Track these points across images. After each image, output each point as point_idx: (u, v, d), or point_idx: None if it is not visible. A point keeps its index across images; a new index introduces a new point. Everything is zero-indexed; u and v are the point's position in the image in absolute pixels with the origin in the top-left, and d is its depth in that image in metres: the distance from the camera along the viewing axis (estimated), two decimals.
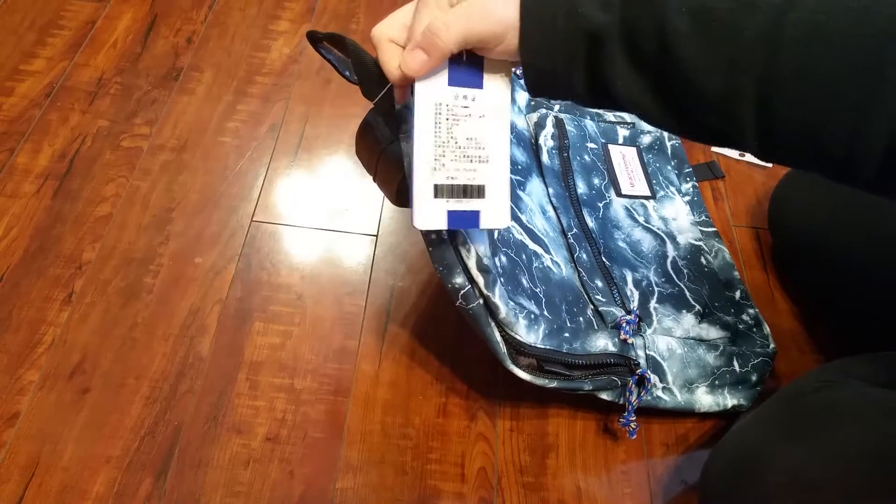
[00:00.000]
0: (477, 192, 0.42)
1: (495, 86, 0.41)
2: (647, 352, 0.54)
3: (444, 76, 0.40)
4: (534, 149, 0.67)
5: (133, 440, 0.54)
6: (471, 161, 0.42)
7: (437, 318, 0.62)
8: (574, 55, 0.36)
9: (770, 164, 0.77)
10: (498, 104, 0.41)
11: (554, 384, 0.53)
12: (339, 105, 0.77)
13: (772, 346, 0.59)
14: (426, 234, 0.47)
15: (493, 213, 0.42)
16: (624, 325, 0.54)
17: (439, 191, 0.41)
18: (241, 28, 0.84)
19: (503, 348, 0.51)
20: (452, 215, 0.42)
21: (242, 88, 0.78)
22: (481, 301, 0.49)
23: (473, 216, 0.42)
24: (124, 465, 0.53)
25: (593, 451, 0.56)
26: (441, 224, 0.42)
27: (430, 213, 0.41)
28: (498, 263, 0.51)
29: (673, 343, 0.55)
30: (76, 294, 0.61)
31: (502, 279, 0.51)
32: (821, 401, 0.44)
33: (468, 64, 0.40)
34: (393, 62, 0.38)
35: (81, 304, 0.60)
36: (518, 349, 0.50)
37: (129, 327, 0.59)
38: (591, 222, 0.63)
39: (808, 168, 0.34)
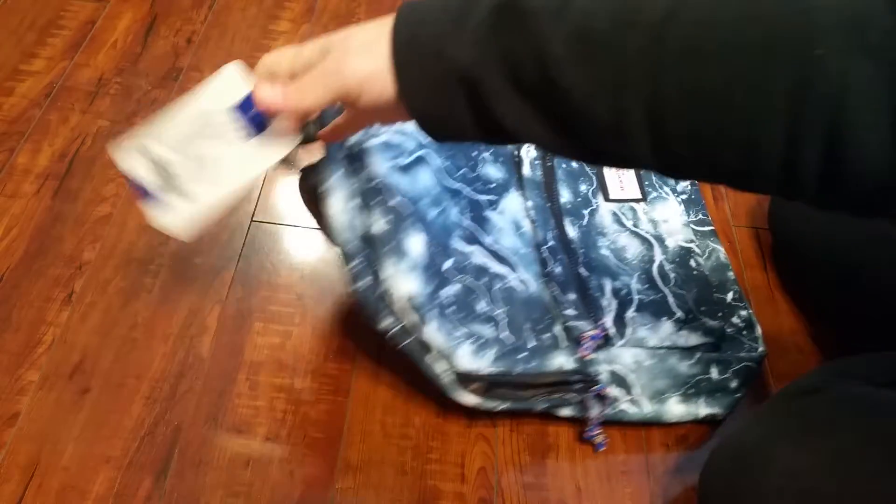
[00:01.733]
0: (179, 191, 0.42)
1: (274, 137, 0.41)
2: (611, 366, 0.54)
3: (232, 95, 0.41)
4: (515, 161, 0.66)
5: (133, 440, 0.54)
6: (197, 168, 0.42)
7: None
8: (454, 101, 0.35)
9: None
10: (266, 152, 0.41)
11: (505, 405, 0.54)
12: None
13: (760, 349, 0.58)
14: (352, 278, 0.50)
15: (178, 218, 0.42)
16: (584, 341, 0.53)
17: (145, 154, 0.42)
18: (241, 28, 0.84)
19: (445, 379, 0.52)
20: (142, 181, 0.42)
21: None
22: (413, 337, 0.51)
23: (158, 203, 0.42)
24: (124, 465, 0.53)
25: (593, 451, 0.56)
26: (129, 172, 0.42)
27: (129, 159, 0.42)
28: (444, 295, 0.52)
29: (641, 355, 0.55)
30: (76, 294, 0.61)
31: (450, 310, 0.52)
32: (820, 401, 0.44)
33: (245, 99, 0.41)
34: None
35: (81, 304, 0.60)
36: (464, 377, 0.51)
37: (129, 327, 0.59)
38: (572, 232, 0.62)
39: (717, 183, 0.33)
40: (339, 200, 0.50)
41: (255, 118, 0.41)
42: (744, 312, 0.61)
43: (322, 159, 0.49)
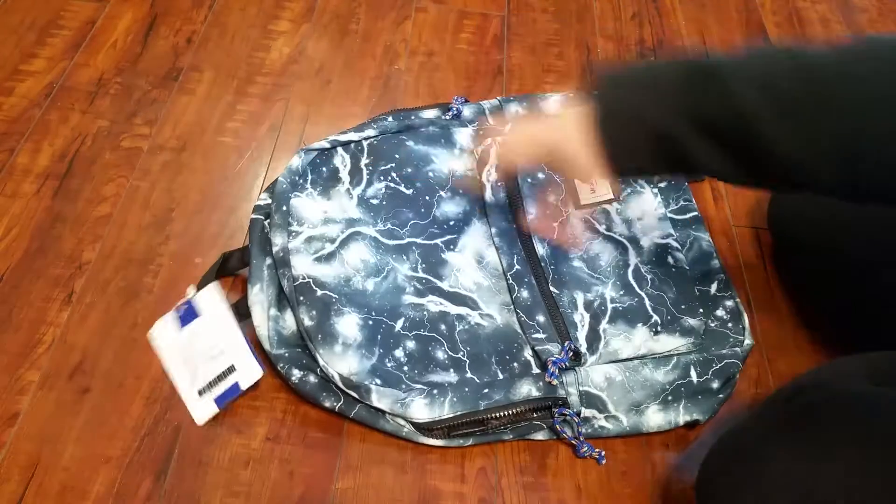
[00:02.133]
0: (228, 372, 0.54)
1: (209, 305, 0.56)
2: (581, 388, 0.53)
3: (175, 330, 0.56)
4: (478, 188, 0.64)
5: (133, 440, 0.54)
6: (215, 358, 0.54)
7: None
8: (651, 156, 0.43)
9: None
10: (215, 314, 0.56)
11: (470, 442, 0.54)
12: (339, 105, 0.77)
13: (747, 342, 0.57)
14: (285, 377, 0.54)
15: (247, 373, 0.54)
16: (549, 366, 0.53)
17: (203, 392, 0.54)
18: (241, 28, 0.84)
19: (405, 430, 0.53)
20: (220, 398, 0.54)
21: (242, 88, 0.78)
22: (361, 406, 0.53)
23: (234, 386, 0.54)
24: (124, 465, 0.53)
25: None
26: (214, 409, 0.54)
27: (204, 408, 0.54)
28: (395, 358, 0.54)
29: (612, 371, 0.54)
30: (76, 294, 0.61)
31: (405, 368, 0.54)
32: (819, 400, 0.44)
33: (186, 307, 0.56)
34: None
35: (81, 304, 0.60)
36: (424, 426, 0.52)
37: (129, 327, 0.59)
38: (541, 249, 0.61)
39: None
40: (261, 312, 0.55)
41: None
42: (729, 303, 0.60)
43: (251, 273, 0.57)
